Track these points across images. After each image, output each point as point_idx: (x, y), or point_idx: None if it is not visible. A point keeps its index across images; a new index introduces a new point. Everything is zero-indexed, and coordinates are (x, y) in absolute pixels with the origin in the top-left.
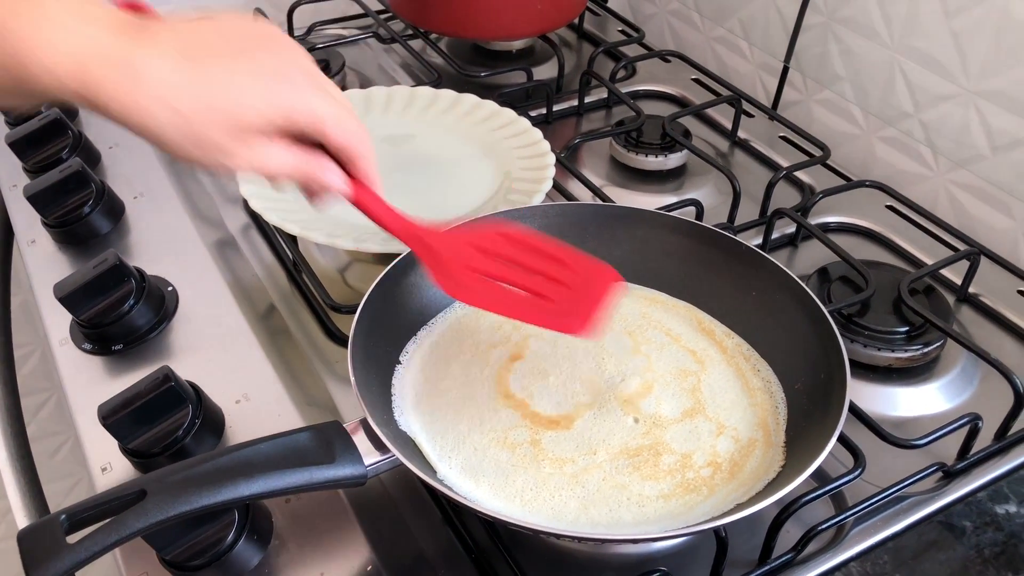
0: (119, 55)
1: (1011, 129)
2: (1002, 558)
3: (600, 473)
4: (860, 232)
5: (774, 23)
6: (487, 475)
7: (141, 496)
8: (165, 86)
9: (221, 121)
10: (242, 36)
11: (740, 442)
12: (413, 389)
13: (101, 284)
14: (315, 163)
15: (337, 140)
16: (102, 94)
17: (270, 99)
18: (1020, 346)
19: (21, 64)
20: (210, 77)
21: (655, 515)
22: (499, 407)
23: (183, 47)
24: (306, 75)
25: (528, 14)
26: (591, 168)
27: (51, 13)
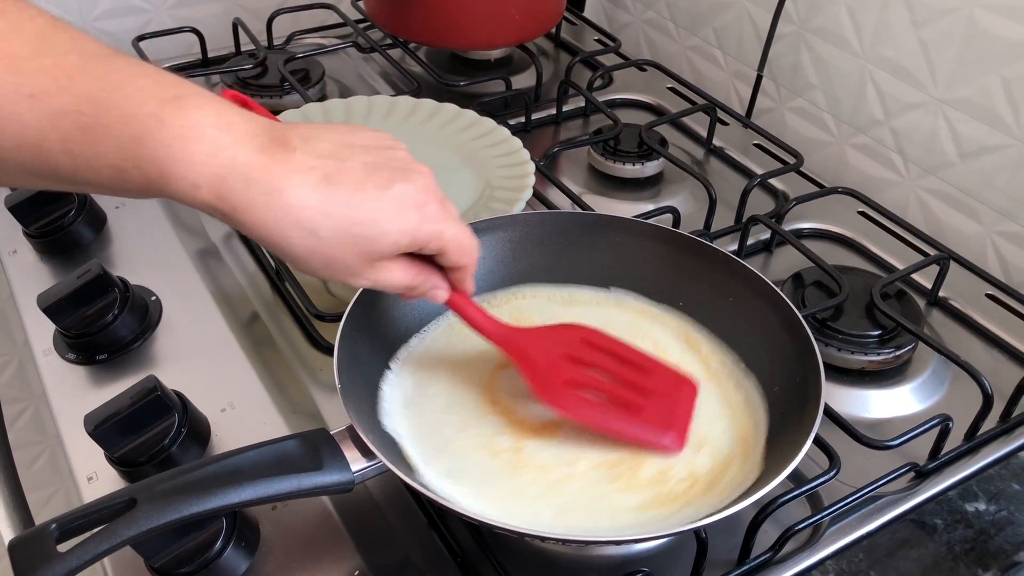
0: (263, 176)
1: (978, 136)
2: (972, 554)
3: (579, 483)
4: (833, 238)
5: (747, 32)
6: (469, 479)
7: (131, 505)
8: (307, 210)
9: (357, 247)
10: (379, 163)
11: (718, 458)
12: (402, 393)
13: (85, 294)
14: (428, 282)
15: (455, 260)
16: (242, 212)
17: (407, 229)
18: (989, 348)
19: (162, 174)
20: (352, 206)
21: (628, 525)
22: (485, 413)
23: (325, 172)
24: (437, 203)
25: (506, 24)
26: (570, 176)
27: (196, 124)
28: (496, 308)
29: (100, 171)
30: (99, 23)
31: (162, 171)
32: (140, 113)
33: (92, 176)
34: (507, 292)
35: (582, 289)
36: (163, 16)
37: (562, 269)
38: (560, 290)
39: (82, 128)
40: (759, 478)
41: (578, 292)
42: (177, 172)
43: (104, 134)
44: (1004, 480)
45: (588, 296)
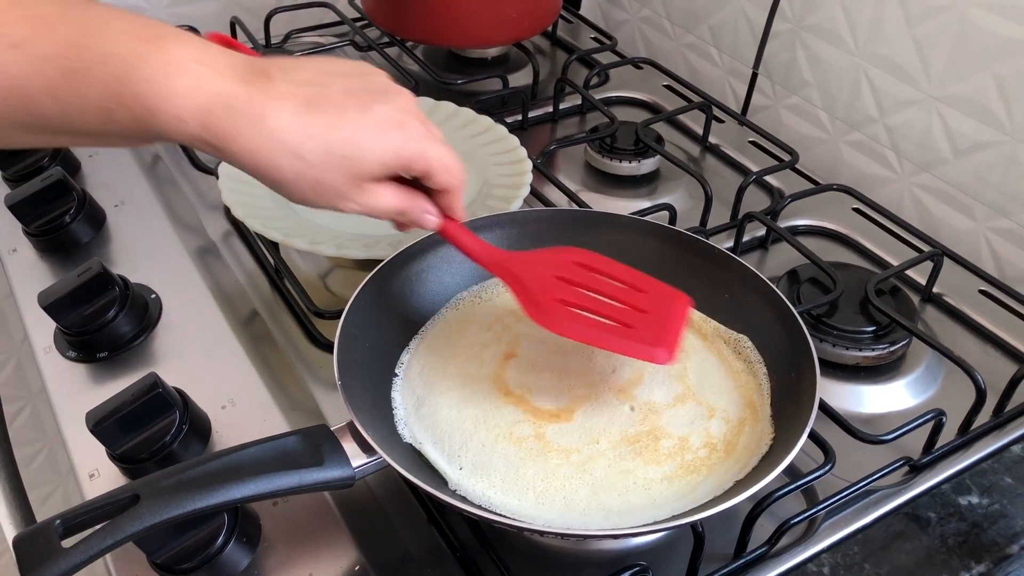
0: (246, 104)
1: (971, 133)
2: (965, 547)
3: (605, 460)
4: (828, 234)
5: (743, 30)
6: (497, 470)
7: (134, 501)
8: (291, 134)
9: (343, 168)
10: (359, 87)
11: (731, 423)
12: (414, 396)
13: (86, 292)
14: (417, 206)
15: (442, 182)
16: (228, 141)
17: (391, 148)
18: (982, 344)
19: (148, 110)
20: (334, 127)
21: (661, 497)
22: (500, 404)
23: (306, 97)
24: (419, 122)
25: (503, 22)
26: (566, 173)
27: (177, 60)
28: (487, 302)
29: (88, 114)
30: None
31: (147, 107)
32: (122, 52)
33: (81, 120)
34: (495, 283)
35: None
36: (160, 14)
37: None
38: None
39: (66, 72)
40: (772, 449)
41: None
42: (162, 107)
43: (88, 76)
44: (997, 474)
45: None
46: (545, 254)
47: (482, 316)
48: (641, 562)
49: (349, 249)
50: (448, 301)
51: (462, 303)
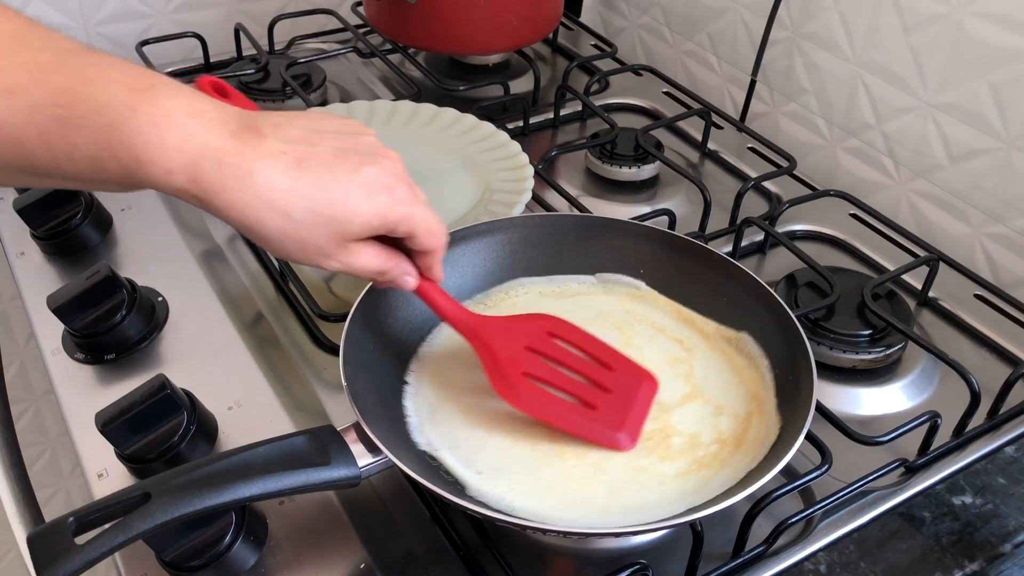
0: (235, 160)
1: (967, 140)
2: (959, 546)
3: (619, 460)
4: (825, 240)
5: (741, 38)
6: (515, 473)
7: (146, 499)
8: (279, 192)
9: (329, 228)
10: (348, 147)
11: (738, 418)
12: (426, 403)
13: (94, 295)
14: (398, 268)
15: (425, 244)
16: (215, 196)
17: (378, 210)
18: (977, 347)
19: (137, 161)
20: (323, 188)
21: (676, 492)
22: (513, 408)
23: (296, 156)
24: (406, 185)
25: (504, 29)
26: (567, 179)
27: (167, 112)
28: (492, 308)
29: (78, 162)
30: (101, 28)
31: (137, 158)
32: (114, 103)
33: (71, 167)
34: (500, 290)
35: (571, 282)
36: (164, 21)
37: (560, 270)
38: (551, 284)
39: (58, 120)
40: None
41: (568, 284)
42: (151, 159)
43: (80, 125)
44: (990, 474)
45: (578, 288)
46: (518, 321)
47: None
48: (641, 560)
49: None
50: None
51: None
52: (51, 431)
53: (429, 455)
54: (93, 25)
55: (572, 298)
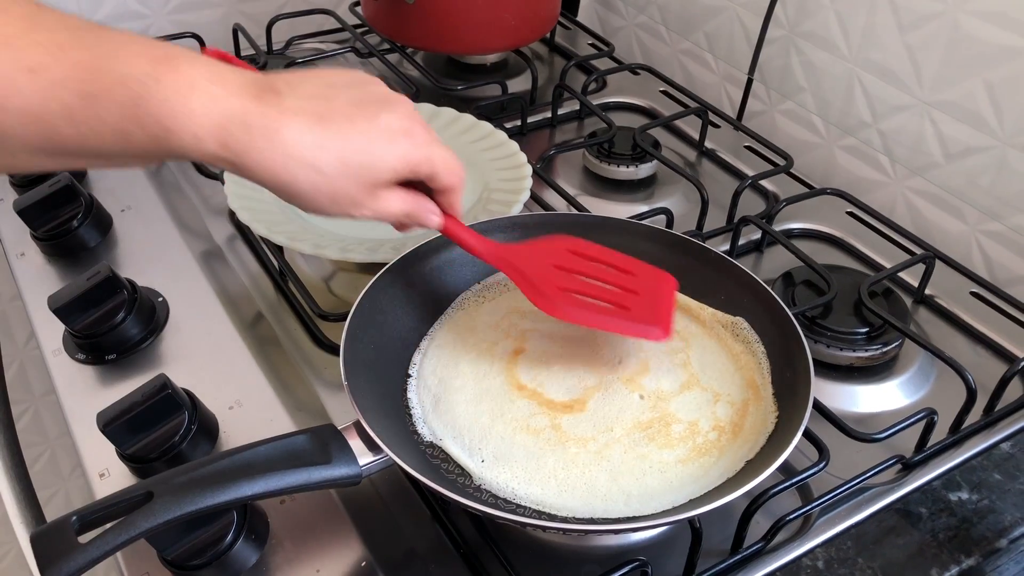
0: (260, 120)
1: (963, 138)
2: (955, 541)
3: (621, 447)
4: (822, 238)
5: (738, 37)
6: (518, 461)
7: (148, 498)
8: (306, 148)
9: (358, 177)
10: (362, 97)
11: (735, 405)
12: (430, 394)
13: (95, 296)
14: (422, 208)
15: (445, 182)
16: (246, 157)
17: (401, 154)
18: (973, 345)
19: (166, 129)
20: (347, 139)
21: (677, 479)
22: (515, 398)
23: (316, 111)
24: (423, 128)
25: (502, 29)
26: (565, 178)
27: (190, 79)
28: (488, 302)
29: (104, 136)
30: None
31: (165, 127)
32: (136, 73)
33: (97, 142)
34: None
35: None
36: (163, 21)
37: None
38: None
39: (82, 95)
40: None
41: None
42: (179, 125)
43: (104, 98)
44: (986, 470)
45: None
46: (540, 244)
47: (487, 314)
48: (640, 557)
49: (353, 253)
50: (453, 302)
51: (467, 303)
52: (51, 432)
53: (433, 445)
54: None
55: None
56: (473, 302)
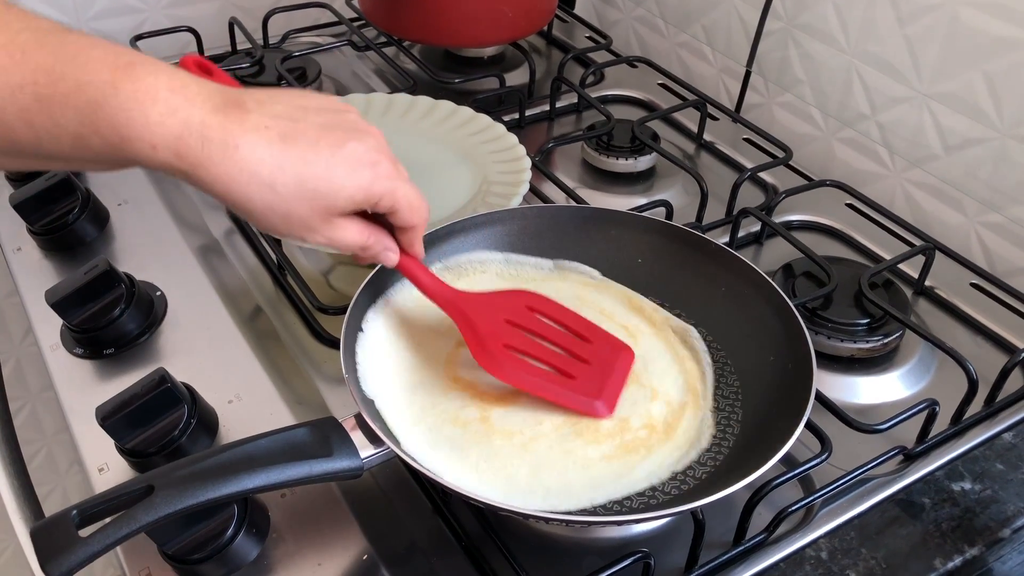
0: (219, 134)
1: (961, 129)
2: (958, 531)
3: (547, 441)
4: (822, 229)
5: (736, 29)
6: (443, 450)
7: (149, 491)
8: (264, 165)
9: (313, 201)
10: (332, 123)
11: (672, 405)
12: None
13: (92, 290)
14: (380, 243)
15: (406, 219)
16: (200, 170)
17: (361, 185)
18: (973, 336)
19: (121, 137)
20: (307, 162)
21: (600, 475)
22: (447, 390)
23: (280, 131)
24: (390, 162)
25: (499, 22)
26: (564, 171)
27: (150, 88)
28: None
29: (61, 140)
30: (94, 23)
31: (120, 135)
32: (95, 80)
33: (54, 146)
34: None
35: (529, 266)
36: (158, 16)
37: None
38: (509, 266)
39: (40, 99)
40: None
41: (525, 270)
42: (135, 135)
43: (62, 103)
44: (989, 460)
45: (534, 273)
46: (497, 297)
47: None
48: (643, 549)
49: None
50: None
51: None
52: (48, 429)
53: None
54: (86, 20)
55: (529, 283)
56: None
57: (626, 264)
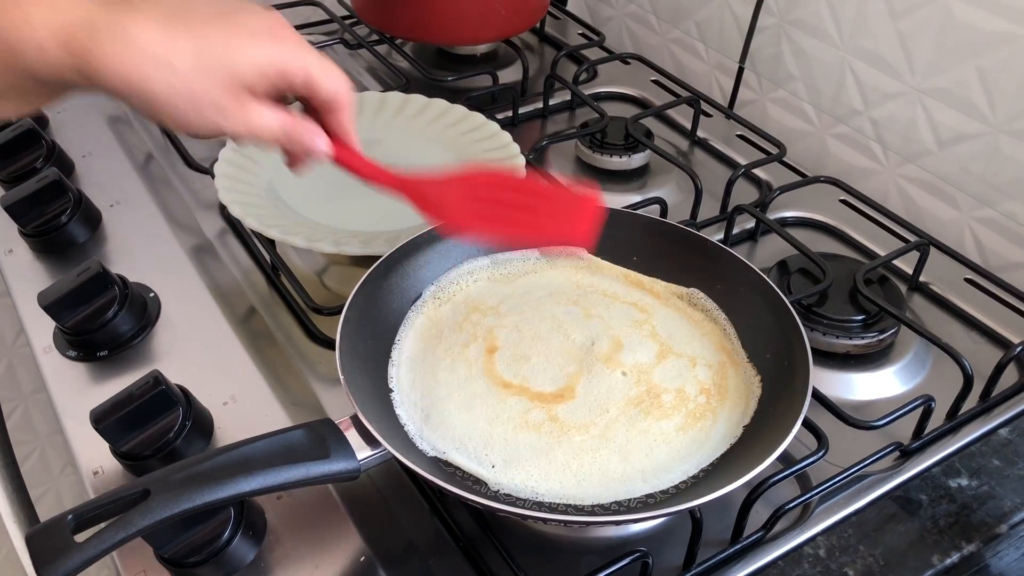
0: (107, 21)
1: (955, 125)
2: (956, 527)
3: (621, 426)
4: (816, 226)
5: (729, 25)
6: (528, 459)
7: (145, 495)
8: (157, 43)
9: (219, 78)
10: (226, 7)
11: (713, 367)
12: (417, 409)
13: (85, 292)
14: (302, 126)
15: (326, 91)
16: (92, 59)
17: (267, 54)
18: (968, 331)
19: (8, 46)
20: (205, 36)
21: (683, 447)
22: (504, 397)
23: (170, 11)
24: (295, 35)
25: (492, 19)
26: (558, 168)
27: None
28: (447, 303)
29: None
30: None
31: (7, 44)
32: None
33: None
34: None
35: (517, 260)
36: None
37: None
38: (498, 267)
39: None
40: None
41: (514, 264)
42: (22, 40)
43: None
44: (985, 456)
45: (523, 267)
46: (450, 175)
47: (448, 317)
48: (641, 548)
49: (347, 246)
50: (412, 305)
51: (426, 307)
52: (40, 430)
53: (440, 460)
54: None
55: (521, 279)
56: (432, 306)
57: (621, 262)
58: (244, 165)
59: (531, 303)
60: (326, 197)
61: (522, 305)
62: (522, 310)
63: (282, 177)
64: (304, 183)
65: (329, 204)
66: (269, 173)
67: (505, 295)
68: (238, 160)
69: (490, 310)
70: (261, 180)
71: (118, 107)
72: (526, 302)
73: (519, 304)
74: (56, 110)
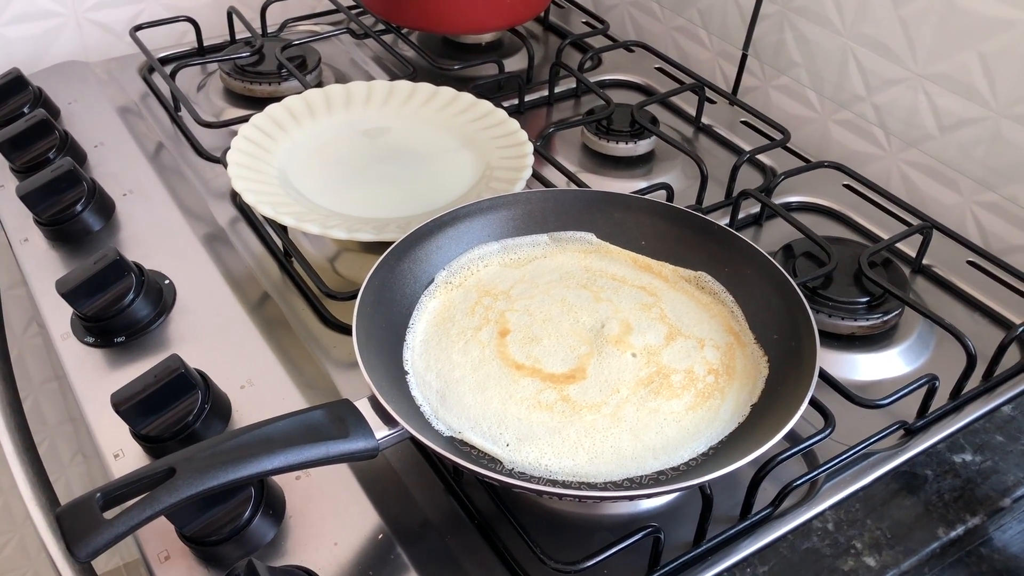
0: None
1: (956, 110)
2: (960, 501)
3: (632, 406)
4: (820, 210)
5: (732, 12)
6: (542, 437)
7: (170, 474)
8: None
9: None
10: None
11: (721, 348)
12: (432, 391)
13: (102, 279)
14: None
15: None
16: None
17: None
18: (970, 312)
19: None
20: None
21: (693, 425)
22: (517, 378)
23: None
24: None
25: (497, 8)
26: (564, 155)
27: None
28: (458, 287)
29: None
30: (92, 14)
31: None
32: None
33: None
34: (462, 265)
35: (526, 245)
36: (155, 6)
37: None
38: (507, 253)
39: None
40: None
41: (524, 249)
42: None
43: None
44: (989, 433)
45: (533, 251)
46: None
47: (460, 301)
48: (653, 524)
49: (360, 232)
50: (425, 290)
51: (438, 291)
52: (50, 420)
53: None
54: (84, 11)
55: (531, 263)
56: (444, 291)
57: (629, 246)
58: (256, 154)
59: (541, 287)
60: (337, 185)
61: (532, 289)
62: (532, 294)
63: (294, 165)
64: (316, 171)
65: (340, 192)
66: (281, 161)
67: (516, 279)
68: (250, 149)
69: (501, 294)
70: (273, 168)
71: (128, 98)
72: (536, 286)
73: (529, 288)
74: (68, 101)
